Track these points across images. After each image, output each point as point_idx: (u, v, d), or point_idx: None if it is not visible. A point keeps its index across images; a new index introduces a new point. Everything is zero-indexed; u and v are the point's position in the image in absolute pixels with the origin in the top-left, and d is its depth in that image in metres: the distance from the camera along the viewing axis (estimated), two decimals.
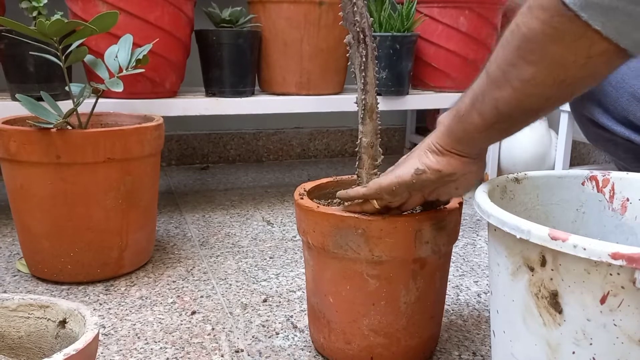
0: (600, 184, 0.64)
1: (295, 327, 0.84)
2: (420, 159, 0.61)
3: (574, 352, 0.45)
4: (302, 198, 0.73)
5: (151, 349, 0.77)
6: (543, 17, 0.45)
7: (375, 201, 0.66)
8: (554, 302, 0.45)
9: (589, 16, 0.42)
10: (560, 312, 0.45)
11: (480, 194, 0.55)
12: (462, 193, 0.65)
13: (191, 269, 1.03)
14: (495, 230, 0.51)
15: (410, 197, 0.65)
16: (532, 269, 0.47)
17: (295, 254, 1.12)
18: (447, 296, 0.89)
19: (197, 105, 1.30)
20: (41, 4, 1.11)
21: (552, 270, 0.45)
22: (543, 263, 0.45)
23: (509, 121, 0.53)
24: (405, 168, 0.62)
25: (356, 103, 0.70)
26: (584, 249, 0.41)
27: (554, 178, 0.65)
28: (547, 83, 0.47)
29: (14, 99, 1.16)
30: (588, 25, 0.43)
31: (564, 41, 0.44)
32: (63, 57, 0.92)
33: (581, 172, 0.65)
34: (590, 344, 0.44)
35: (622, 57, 0.45)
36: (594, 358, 0.44)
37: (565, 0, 0.43)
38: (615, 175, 0.64)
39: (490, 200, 0.53)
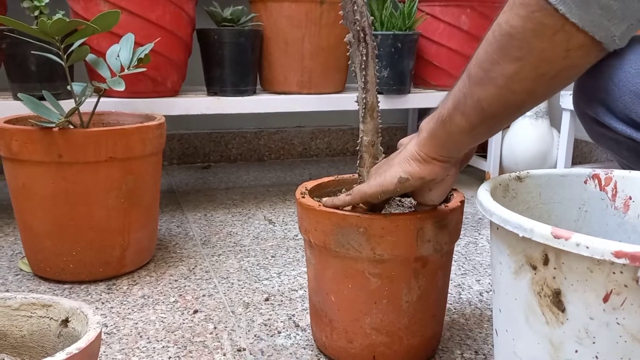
0: (603, 182, 0.64)
1: (297, 325, 0.84)
2: (402, 168, 0.62)
3: (576, 351, 0.45)
4: (303, 197, 0.73)
5: (153, 347, 0.77)
6: (524, 12, 0.46)
7: None
8: (557, 300, 0.45)
9: (566, 9, 0.44)
10: (563, 310, 0.45)
11: (483, 193, 0.55)
12: (438, 199, 0.66)
13: (193, 268, 1.04)
14: (498, 229, 0.51)
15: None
16: (534, 268, 0.46)
17: (297, 252, 1.12)
18: (449, 295, 0.89)
19: (198, 104, 1.30)
20: (43, 3, 1.11)
21: (555, 268, 0.45)
22: (546, 261, 0.45)
23: (493, 120, 0.54)
24: (389, 177, 0.63)
25: (357, 102, 0.70)
26: (587, 248, 0.41)
27: (556, 176, 0.65)
28: (530, 77, 0.49)
29: (16, 98, 1.16)
30: (566, 19, 0.45)
31: (545, 35, 0.46)
32: (65, 57, 0.92)
33: (583, 170, 0.65)
34: (593, 342, 0.43)
35: (598, 50, 0.47)
36: (596, 357, 0.43)
37: None
38: (618, 174, 0.64)
39: (493, 198, 0.53)
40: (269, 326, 0.83)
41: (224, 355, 0.76)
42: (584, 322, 0.44)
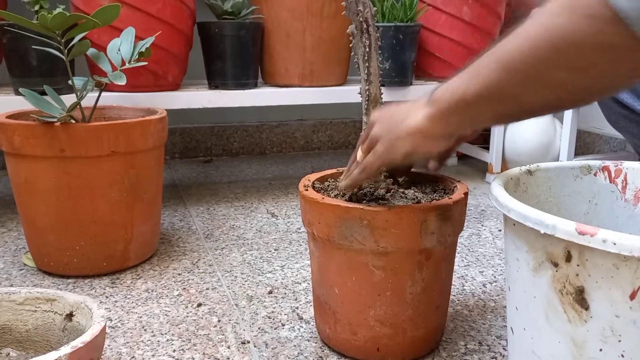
0: (613, 175, 0.63)
1: (301, 318, 0.84)
2: (411, 142, 0.62)
3: (601, 349, 0.43)
4: (307, 189, 0.73)
5: (158, 341, 0.77)
6: (590, 27, 0.41)
7: None
8: (580, 298, 0.44)
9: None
10: (586, 308, 0.44)
11: (498, 188, 0.54)
12: (436, 167, 0.72)
13: (196, 262, 1.04)
14: (515, 225, 0.50)
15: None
16: (555, 265, 0.45)
17: (300, 245, 1.12)
18: (452, 286, 0.89)
19: (200, 97, 1.30)
20: None
21: (578, 265, 0.43)
22: (568, 258, 0.44)
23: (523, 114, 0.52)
24: (395, 150, 0.63)
25: (360, 94, 0.70)
26: (614, 244, 0.40)
27: (565, 169, 0.64)
28: (581, 88, 0.45)
29: (18, 93, 1.16)
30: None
31: (613, 54, 0.42)
32: (66, 51, 0.92)
33: (593, 162, 0.64)
34: (619, 340, 0.42)
35: None
36: (622, 355, 0.42)
37: (619, 13, 0.39)
38: (628, 166, 0.63)
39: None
40: (273, 319, 0.84)
41: (228, 348, 0.76)
42: (610, 320, 0.43)
